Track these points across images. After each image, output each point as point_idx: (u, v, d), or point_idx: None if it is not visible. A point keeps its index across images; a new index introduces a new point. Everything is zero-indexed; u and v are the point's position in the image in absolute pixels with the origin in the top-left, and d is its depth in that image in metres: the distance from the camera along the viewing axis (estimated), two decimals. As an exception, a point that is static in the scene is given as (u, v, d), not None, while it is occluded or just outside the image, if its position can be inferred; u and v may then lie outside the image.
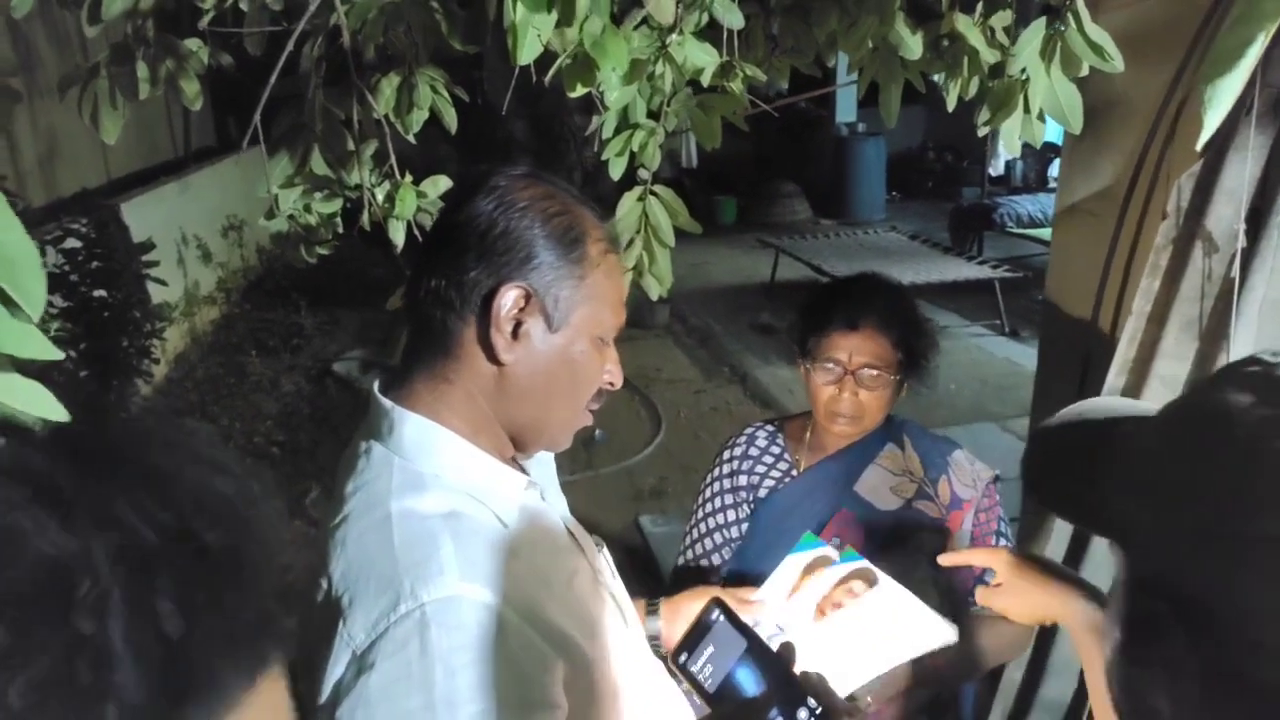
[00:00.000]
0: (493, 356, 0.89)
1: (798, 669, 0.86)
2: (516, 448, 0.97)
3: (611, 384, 0.97)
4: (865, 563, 1.31)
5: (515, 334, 0.88)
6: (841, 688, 1.20)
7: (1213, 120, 0.68)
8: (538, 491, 0.97)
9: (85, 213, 4.22)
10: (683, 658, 0.89)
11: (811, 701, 0.81)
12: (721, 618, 0.89)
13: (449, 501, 0.86)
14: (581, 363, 0.93)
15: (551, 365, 0.91)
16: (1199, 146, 0.76)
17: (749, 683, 0.84)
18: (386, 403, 0.91)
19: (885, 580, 1.29)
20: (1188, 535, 0.51)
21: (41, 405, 0.62)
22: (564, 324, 0.90)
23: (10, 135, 4.69)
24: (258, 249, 7.54)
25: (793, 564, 1.34)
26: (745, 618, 1.26)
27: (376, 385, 0.95)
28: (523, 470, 0.98)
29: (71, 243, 3.96)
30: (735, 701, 0.84)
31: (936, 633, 1.23)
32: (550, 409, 0.94)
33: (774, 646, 1.25)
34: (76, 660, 0.37)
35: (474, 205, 0.89)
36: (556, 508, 1.04)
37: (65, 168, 5.31)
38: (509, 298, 0.87)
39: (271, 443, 4.76)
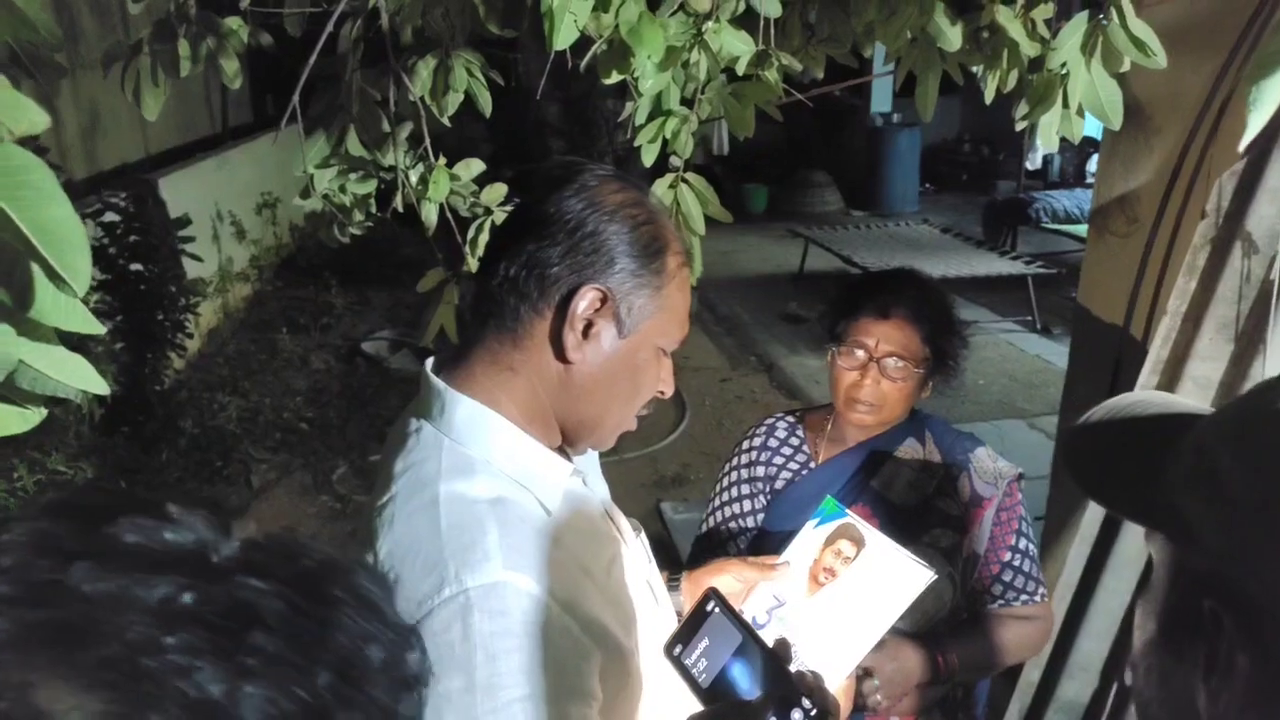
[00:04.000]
0: (560, 353, 0.90)
1: (795, 650, 0.86)
2: (566, 442, 0.98)
3: (663, 393, 0.98)
4: (849, 517, 1.31)
5: (586, 334, 0.89)
6: (847, 663, 1.21)
7: (1257, 121, 0.67)
8: (581, 478, 0.98)
9: (124, 187, 4.28)
10: (677, 650, 0.87)
11: (806, 702, 0.79)
12: (717, 610, 0.88)
13: (496, 487, 0.87)
14: (642, 370, 0.94)
15: (614, 369, 0.92)
16: (1242, 147, 0.74)
17: (743, 678, 0.83)
18: (440, 383, 0.92)
19: (869, 535, 1.29)
20: (1258, 539, 0.51)
21: (83, 378, 0.63)
22: (633, 330, 0.91)
23: (53, 109, 4.75)
24: (291, 227, 7.62)
25: (815, 530, 1.34)
26: (764, 586, 1.27)
27: (429, 364, 0.96)
28: (567, 457, 0.98)
29: (110, 216, 4.03)
30: (730, 700, 0.83)
31: (918, 578, 1.23)
32: (607, 411, 0.95)
33: (772, 619, 1.25)
34: None
35: (564, 201, 0.90)
36: (598, 492, 1.05)
37: (106, 142, 5.39)
38: (587, 298, 0.88)
39: (300, 419, 4.82)
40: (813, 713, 0.79)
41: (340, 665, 0.44)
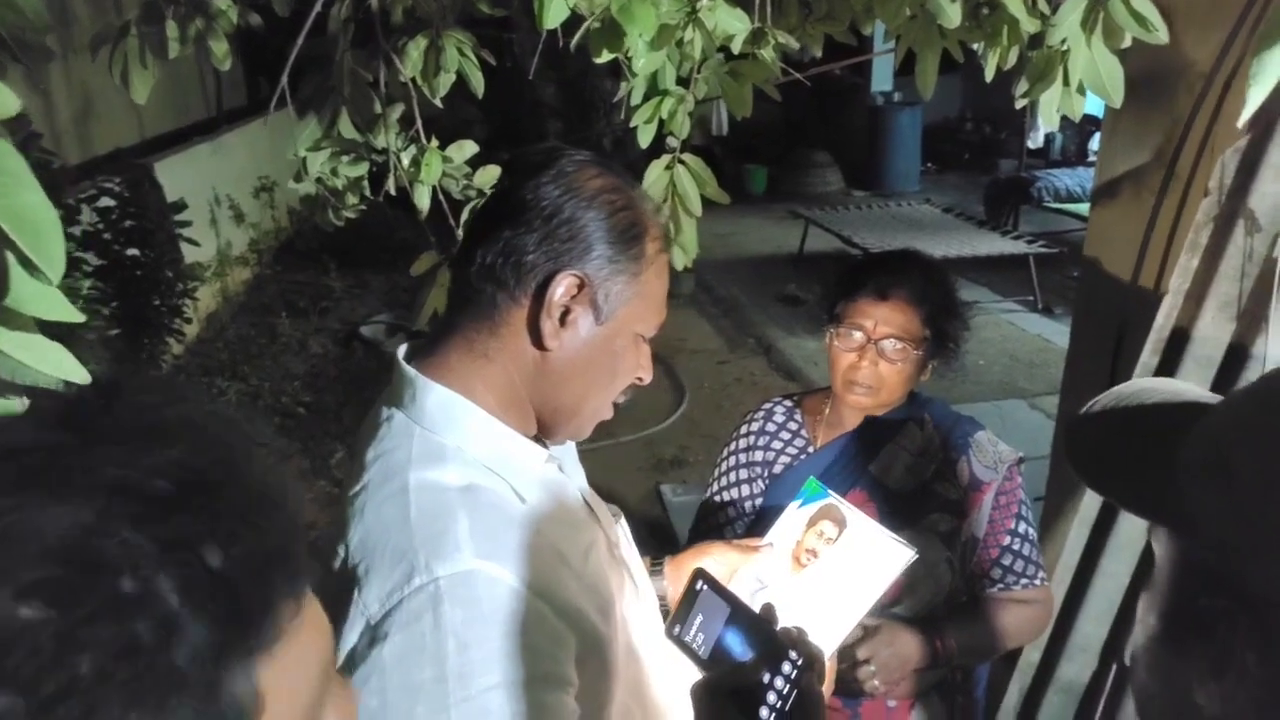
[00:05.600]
0: (538, 340, 0.89)
1: (779, 613, 0.93)
2: (542, 432, 0.97)
3: (641, 379, 0.98)
4: (831, 498, 1.32)
5: (563, 321, 0.89)
6: (830, 642, 1.22)
7: (1257, 96, 0.66)
8: (556, 464, 0.97)
9: (119, 172, 4.25)
10: (676, 630, 0.94)
11: (793, 654, 0.86)
12: (705, 587, 0.95)
13: (467, 475, 0.86)
14: (620, 356, 0.94)
15: (592, 356, 0.91)
16: (1241, 123, 0.73)
17: (736, 644, 0.91)
18: (411, 371, 0.91)
19: (851, 516, 1.29)
20: (1268, 531, 0.50)
21: (63, 366, 0.62)
22: (611, 317, 0.91)
23: (47, 94, 4.73)
24: (289, 210, 7.58)
25: (798, 511, 1.34)
26: (747, 568, 1.27)
27: (401, 352, 0.95)
28: (543, 444, 0.98)
29: (105, 202, 4.00)
30: (728, 665, 0.90)
31: (899, 557, 1.24)
32: (584, 398, 0.95)
33: (756, 601, 1.27)
34: (134, 623, 0.38)
35: (541, 187, 0.89)
36: (574, 480, 1.04)
37: (100, 126, 5.36)
38: (564, 285, 0.87)
39: (298, 403, 4.82)
40: (799, 662, 0.86)
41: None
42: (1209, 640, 0.52)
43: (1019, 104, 1.29)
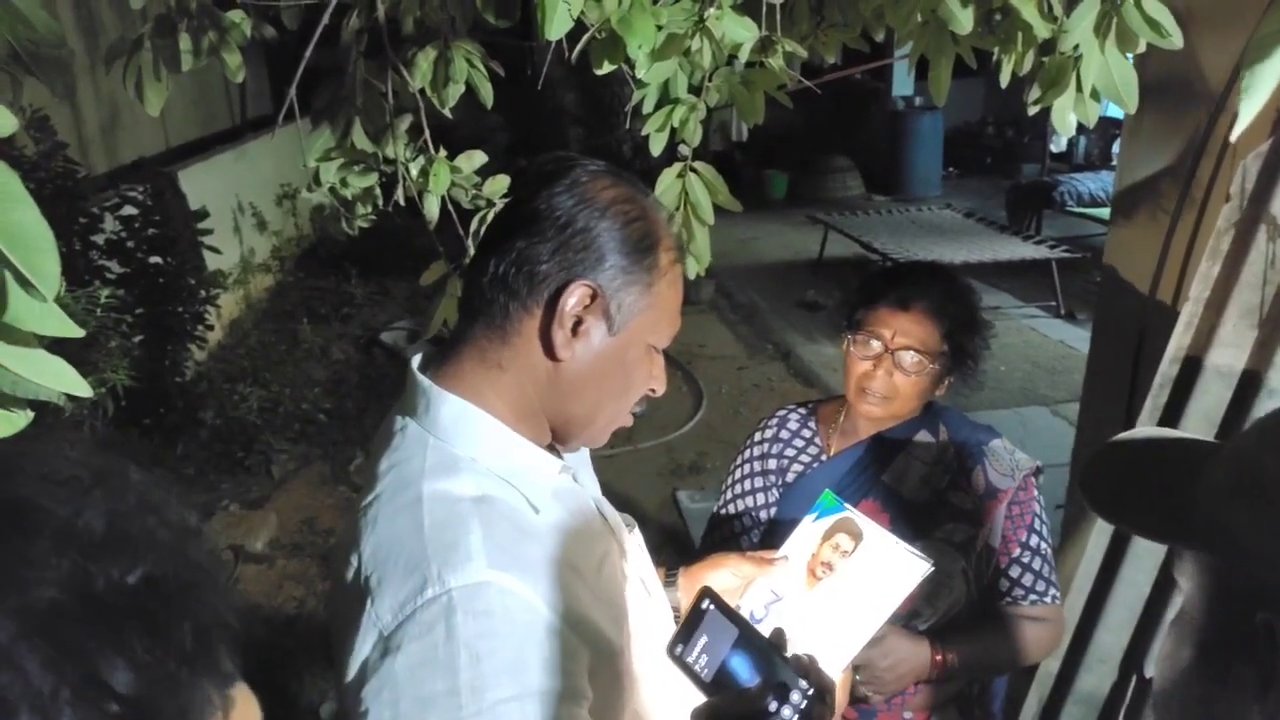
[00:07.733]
0: (550, 350, 0.89)
1: (791, 646, 0.90)
2: (557, 440, 0.97)
3: (654, 391, 0.97)
4: (847, 511, 1.30)
5: (575, 331, 0.88)
6: (843, 656, 1.20)
7: (1250, 108, 0.64)
8: (571, 475, 0.97)
9: (143, 180, 4.30)
10: (678, 649, 0.90)
11: (803, 683, 0.83)
12: (712, 607, 0.92)
13: (481, 485, 0.86)
14: (633, 367, 0.93)
15: (605, 366, 0.91)
16: (1234, 137, 0.72)
17: (742, 669, 0.87)
18: (425, 381, 0.91)
19: (868, 529, 1.28)
20: None
21: (63, 379, 0.63)
22: (624, 327, 0.90)
23: (74, 103, 4.80)
24: (311, 218, 7.65)
25: (814, 524, 1.32)
26: (761, 580, 1.26)
27: (416, 361, 0.95)
28: (557, 454, 0.97)
29: (129, 210, 4.05)
30: (732, 691, 0.86)
31: (915, 570, 1.22)
32: (597, 408, 0.94)
33: (770, 613, 1.25)
34: None
35: (554, 197, 0.89)
36: (589, 489, 1.04)
37: (126, 135, 5.43)
38: (576, 295, 0.87)
39: (319, 409, 4.85)
40: (810, 692, 0.82)
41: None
42: (1256, 661, 0.51)
43: (1032, 111, 1.28)
